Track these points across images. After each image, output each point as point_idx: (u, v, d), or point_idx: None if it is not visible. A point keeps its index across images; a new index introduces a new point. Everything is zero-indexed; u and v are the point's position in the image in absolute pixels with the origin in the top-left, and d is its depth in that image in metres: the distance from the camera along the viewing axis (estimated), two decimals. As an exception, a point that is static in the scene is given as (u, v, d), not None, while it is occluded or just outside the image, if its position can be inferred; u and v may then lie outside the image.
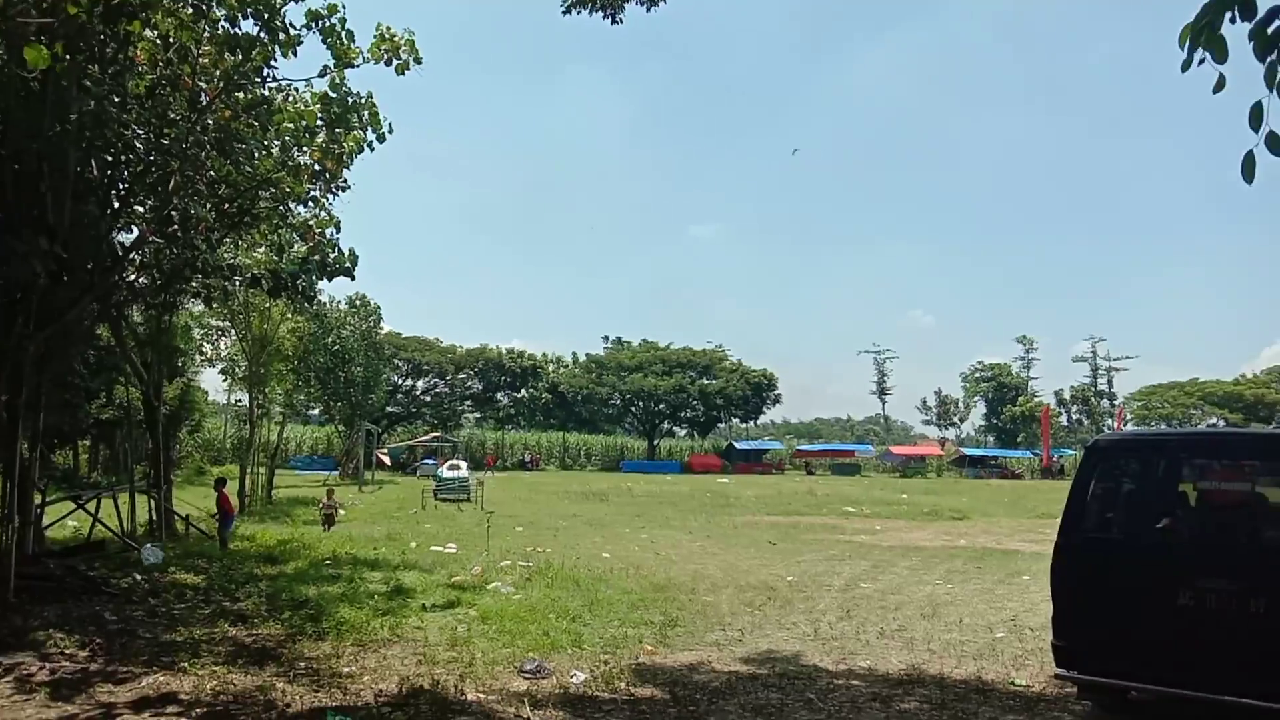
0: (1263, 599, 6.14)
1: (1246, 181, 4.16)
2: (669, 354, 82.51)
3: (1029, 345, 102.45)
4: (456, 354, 76.24)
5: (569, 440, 79.19)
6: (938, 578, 15.43)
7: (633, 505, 32.46)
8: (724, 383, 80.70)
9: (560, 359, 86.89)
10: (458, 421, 79.34)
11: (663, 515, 28.34)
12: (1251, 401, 75.82)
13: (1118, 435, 10.07)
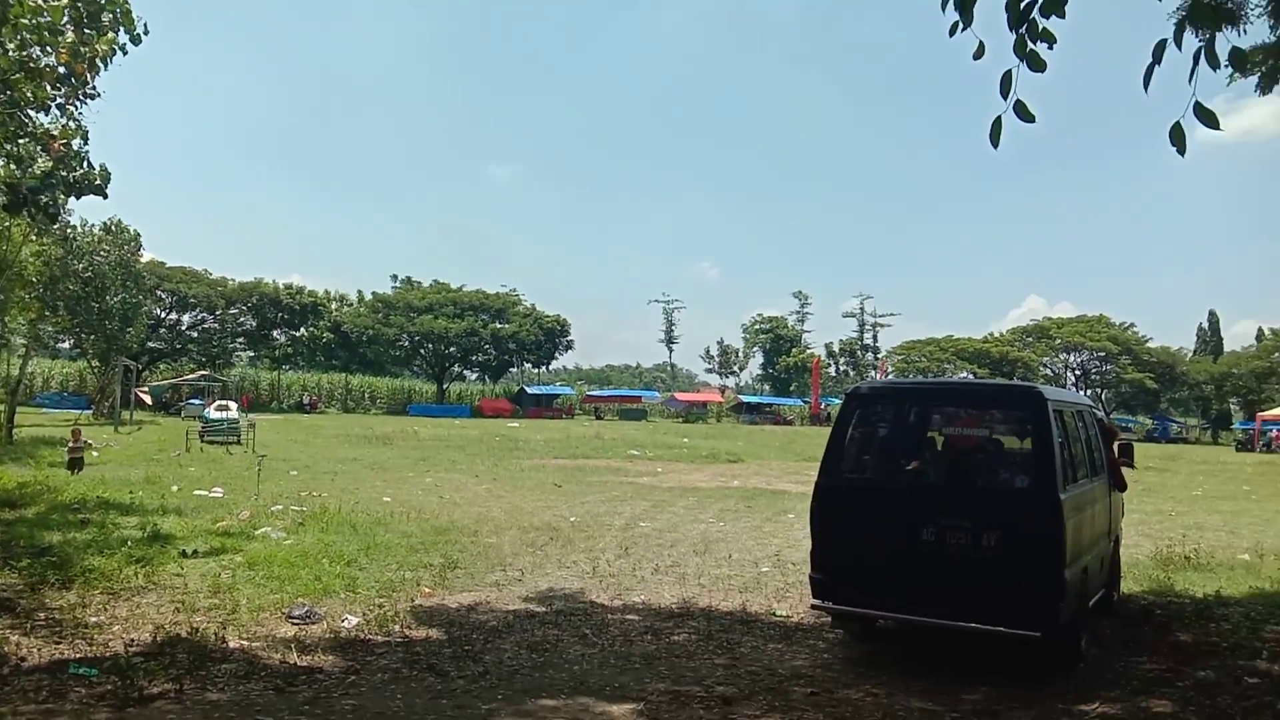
0: (994, 534, 6.80)
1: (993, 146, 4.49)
2: (461, 296, 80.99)
3: (804, 300, 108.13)
4: (228, 288, 71.54)
5: (352, 382, 76.46)
6: (712, 516, 16.16)
7: (418, 449, 31.90)
8: (517, 327, 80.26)
9: (344, 297, 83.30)
10: (229, 360, 74.71)
11: (449, 459, 28.03)
12: (998, 358, 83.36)
13: (874, 384, 10.81)
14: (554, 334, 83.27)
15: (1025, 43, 4.50)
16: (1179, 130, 3.44)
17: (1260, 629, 8.44)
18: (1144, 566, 11.45)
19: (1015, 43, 4.51)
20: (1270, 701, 6.28)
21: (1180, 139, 3.46)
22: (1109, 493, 8.81)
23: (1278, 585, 10.24)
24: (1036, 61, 4.45)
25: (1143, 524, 15.94)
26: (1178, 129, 3.44)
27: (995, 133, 4.39)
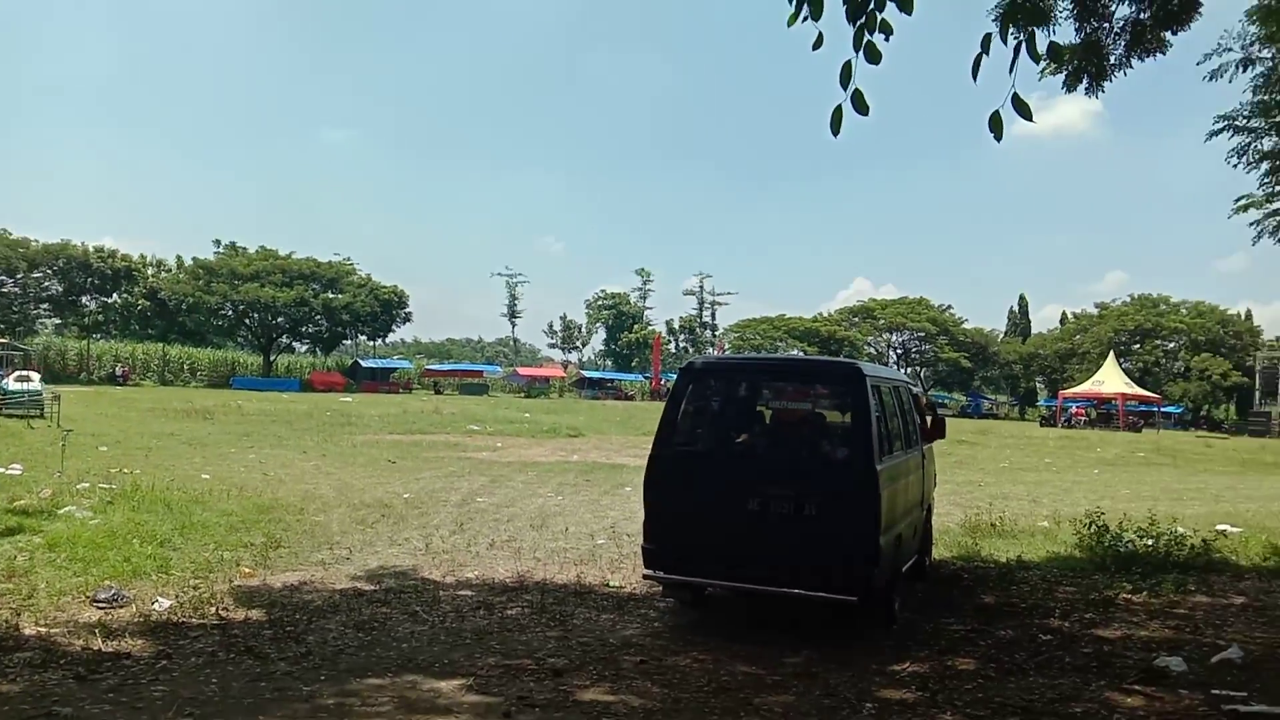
0: (814, 503, 7.06)
1: (834, 135, 4.59)
2: (291, 264, 77.36)
3: (646, 278, 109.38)
4: (30, 249, 65.95)
5: (170, 353, 71.95)
6: (550, 491, 16.16)
7: (242, 424, 30.43)
8: (351, 297, 77.43)
9: (162, 262, 77.96)
10: (31, 327, 69.03)
11: (275, 434, 26.88)
12: (826, 336, 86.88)
13: (707, 359, 11.05)
14: (391, 306, 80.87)
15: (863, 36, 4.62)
16: (997, 119, 3.62)
17: (1055, 590, 9.16)
18: (954, 534, 12.19)
19: (854, 35, 4.63)
20: (1060, 655, 6.81)
21: (998, 127, 3.65)
22: (923, 463, 9.32)
23: (1072, 549, 11.07)
24: (873, 53, 4.58)
25: (954, 494, 16.98)
26: (996, 118, 3.62)
27: (835, 122, 4.48)
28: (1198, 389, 72.91)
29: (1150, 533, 10.94)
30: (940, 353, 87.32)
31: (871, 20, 4.61)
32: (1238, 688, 5.98)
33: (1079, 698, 5.73)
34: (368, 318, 79.21)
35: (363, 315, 78.37)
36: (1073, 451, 34.05)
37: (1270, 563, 10.68)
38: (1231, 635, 7.47)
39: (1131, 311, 78.99)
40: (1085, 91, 8.86)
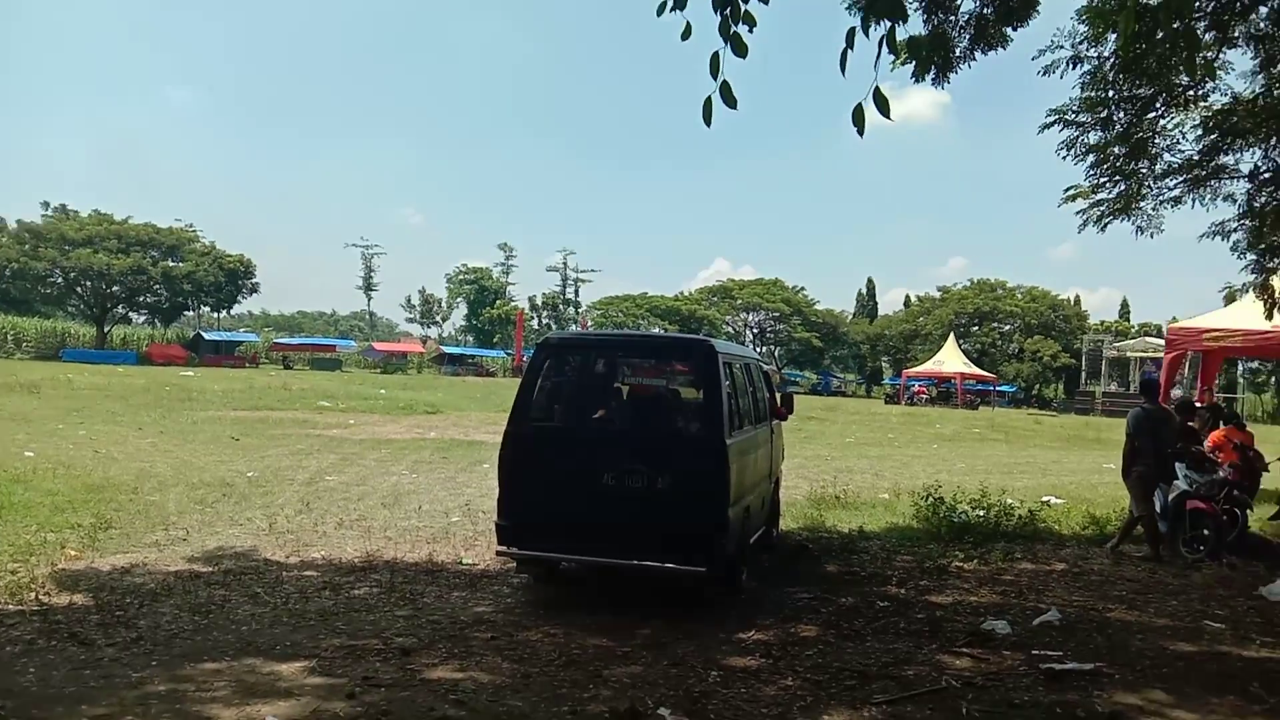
0: (666, 477, 7.16)
1: (706, 124, 4.57)
2: (127, 229, 72.64)
3: (509, 252, 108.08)
4: None
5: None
6: (404, 468, 15.83)
7: (72, 399, 28.51)
8: (193, 266, 73.37)
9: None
10: None
11: (108, 410, 25.31)
12: (687, 315, 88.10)
13: (564, 335, 11.06)
14: (237, 275, 77.13)
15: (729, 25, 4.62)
16: (860, 113, 3.69)
17: (893, 559, 9.59)
18: (801, 506, 12.60)
19: (720, 25, 4.63)
20: (896, 621, 7.14)
21: (860, 121, 3.72)
22: (771, 438, 9.58)
23: (910, 520, 11.60)
24: (739, 45, 4.59)
25: (802, 467, 17.53)
26: (859, 111, 3.69)
27: (707, 113, 4.46)
28: (1030, 369, 77.54)
29: (982, 504, 11.60)
30: (794, 332, 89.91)
31: (736, 11, 4.63)
32: (1055, 648, 6.42)
33: (912, 661, 6.03)
34: (211, 288, 75.34)
35: (206, 285, 74.49)
36: (914, 427, 35.68)
37: (1089, 531, 11.47)
38: (1052, 599, 8.01)
39: (971, 295, 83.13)
40: (932, 83, 9.20)
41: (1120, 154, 9.91)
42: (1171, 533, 10.30)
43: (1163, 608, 7.96)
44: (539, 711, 5.05)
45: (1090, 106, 9.70)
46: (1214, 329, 15.03)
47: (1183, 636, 6.94)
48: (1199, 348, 15.18)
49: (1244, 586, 8.78)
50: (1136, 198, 10.34)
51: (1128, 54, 8.21)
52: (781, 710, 5.07)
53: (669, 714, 4.94)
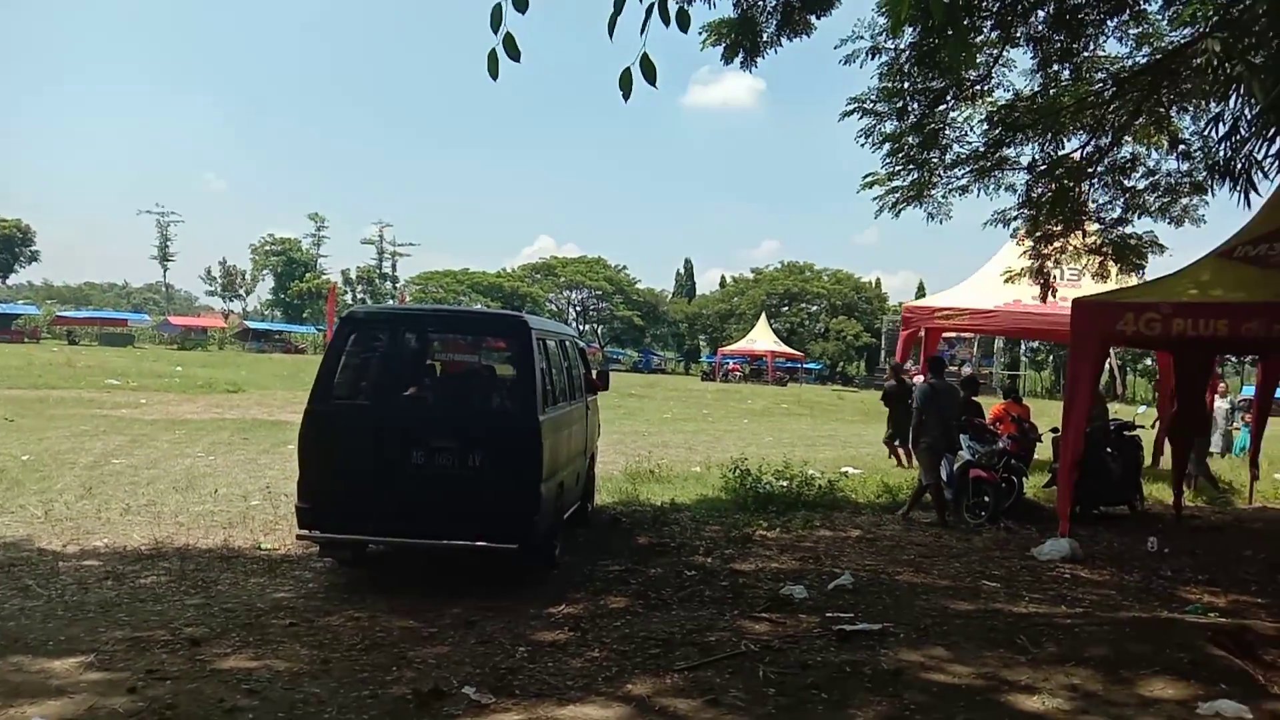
0: (478, 455, 7.07)
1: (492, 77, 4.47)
2: (-124, 189, 65.19)
3: (321, 223, 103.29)
4: None
5: None
6: (201, 450, 14.96)
7: None
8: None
9: None
10: None
11: None
12: (509, 292, 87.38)
13: (370, 309, 10.70)
14: (13, 242, 70.85)
15: None
16: (627, 77, 3.69)
17: (702, 529, 9.87)
18: (617, 480, 12.76)
19: None
20: (701, 589, 7.35)
21: (627, 86, 3.73)
22: (587, 414, 9.63)
23: (718, 492, 11.97)
24: None
25: (620, 443, 17.75)
26: (626, 76, 3.70)
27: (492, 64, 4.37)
28: (835, 348, 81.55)
29: (786, 476, 12.12)
30: (616, 311, 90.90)
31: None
32: (847, 610, 6.78)
33: (714, 627, 6.22)
34: (-19, 256, 68.59)
35: (-25, 253, 67.73)
36: (727, 403, 36.87)
37: (882, 499, 12.19)
38: (846, 564, 8.45)
39: (782, 277, 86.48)
40: (741, 66, 9.44)
41: (914, 143, 10.46)
42: (956, 500, 11.10)
43: (946, 569, 8.56)
44: (338, 697, 4.89)
45: (887, 97, 10.19)
46: (945, 308, 16.36)
47: (962, 596, 7.48)
48: (932, 325, 16.51)
49: (1018, 548, 9.56)
50: (928, 186, 10.97)
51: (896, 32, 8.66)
52: (586, 681, 5.11)
53: (473, 692, 4.89)
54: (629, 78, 3.66)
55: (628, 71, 3.65)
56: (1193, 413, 12.44)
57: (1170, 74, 9.98)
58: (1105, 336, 9.58)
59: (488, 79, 3.96)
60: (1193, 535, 10.88)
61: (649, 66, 3.63)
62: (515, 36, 4.00)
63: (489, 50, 4.44)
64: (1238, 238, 9.40)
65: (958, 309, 16.19)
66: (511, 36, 4.18)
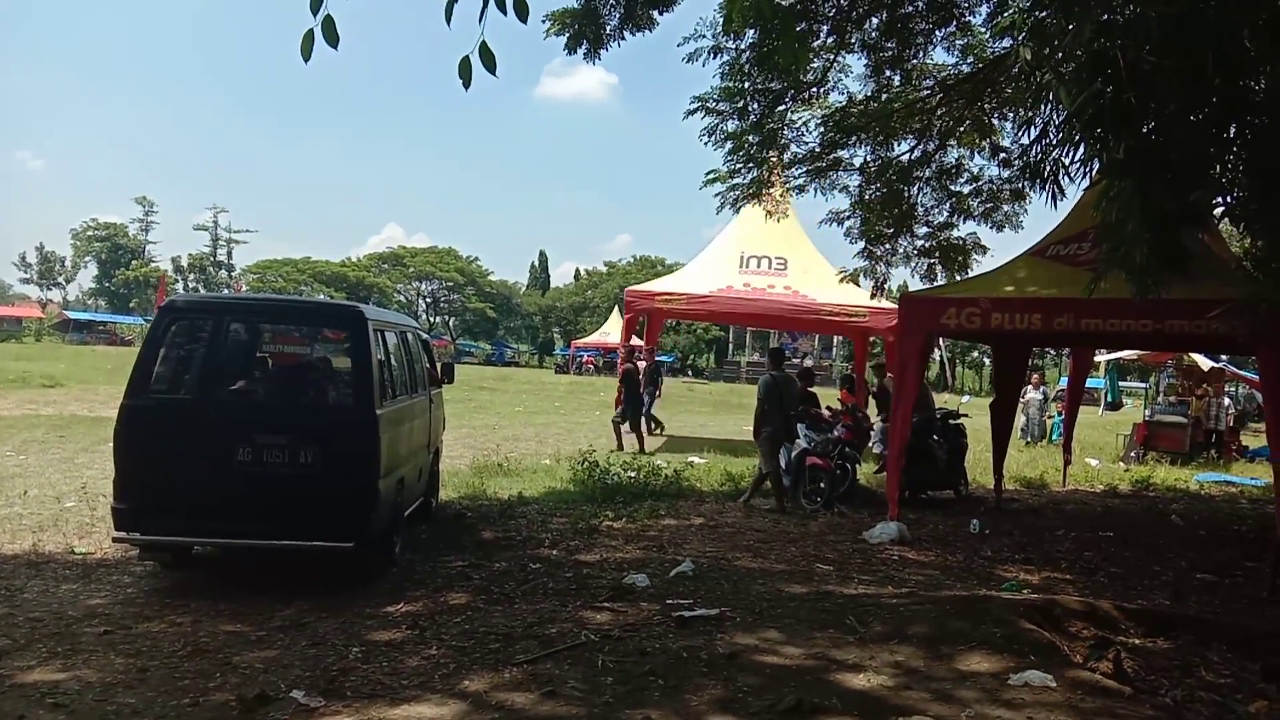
0: (311, 451, 6.82)
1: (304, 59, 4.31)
2: None
3: (149, 207, 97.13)
4: None
5: None
6: (10, 449, 13.89)
7: None
8: None
9: None
10: None
11: None
12: (355, 282, 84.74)
13: (192, 298, 10.15)
14: None
15: None
16: (466, 65, 3.63)
17: (549, 522, 9.85)
18: (463, 475, 12.58)
19: None
20: (545, 582, 7.34)
21: (467, 73, 3.67)
22: (430, 408, 9.45)
23: (567, 484, 11.98)
24: None
25: (469, 437, 17.54)
26: (465, 64, 3.63)
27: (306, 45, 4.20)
28: (686, 340, 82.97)
29: (633, 466, 12.24)
30: (468, 303, 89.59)
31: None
32: (686, 596, 6.91)
33: (556, 619, 6.21)
34: None
35: None
36: (580, 396, 36.93)
37: (726, 488, 12.47)
38: (688, 551, 8.61)
39: (635, 270, 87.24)
40: (585, 58, 9.45)
41: (754, 143, 10.72)
42: (794, 487, 11.48)
43: (783, 554, 8.84)
44: (154, 707, 4.64)
45: (729, 96, 10.41)
46: (663, 292, 17.37)
47: (797, 579, 7.74)
48: (652, 309, 17.25)
49: (851, 532, 9.97)
50: (767, 184, 11.29)
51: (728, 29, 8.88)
52: (422, 680, 5.02)
53: (302, 695, 4.73)
54: (468, 66, 3.61)
55: (466, 60, 3.59)
56: (1011, 402, 13.28)
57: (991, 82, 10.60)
58: (930, 329, 10.10)
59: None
60: (1011, 517, 11.62)
61: (488, 55, 3.58)
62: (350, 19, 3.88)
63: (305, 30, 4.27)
64: (1050, 238, 10.08)
65: (675, 294, 17.24)
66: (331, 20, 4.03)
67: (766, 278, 17.71)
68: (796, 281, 17.60)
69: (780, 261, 17.82)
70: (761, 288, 17.55)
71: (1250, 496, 14.98)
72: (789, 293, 17.41)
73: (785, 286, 17.48)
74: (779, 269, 17.68)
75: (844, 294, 16.78)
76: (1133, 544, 10.14)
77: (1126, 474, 16.81)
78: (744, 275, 17.77)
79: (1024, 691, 4.85)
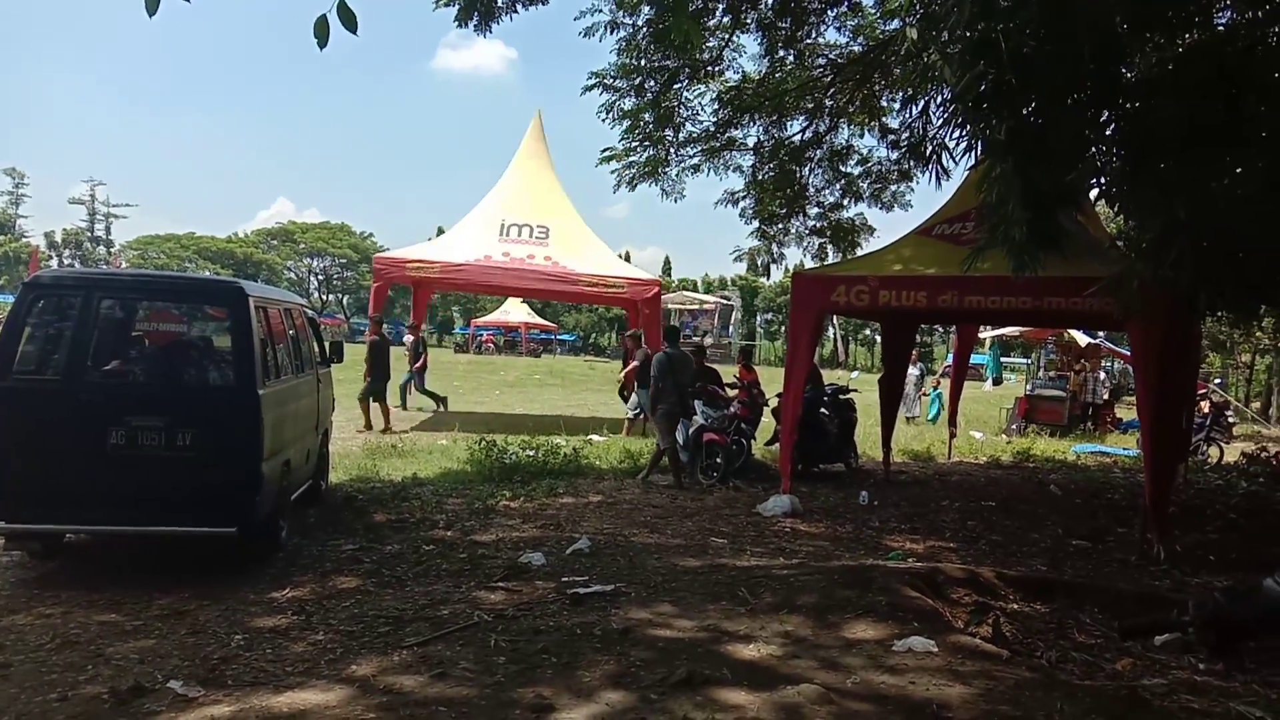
0: (189, 433, 6.56)
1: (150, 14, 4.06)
2: None
3: (19, 179, 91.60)
4: None
5: None
6: None
7: None
8: None
9: None
10: None
11: None
12: (242, 259, 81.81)
13: (59, 274, 9.63)
14: None
15: None
16: (323, 24, 3.52)
17: (444, 503, 9.71)
18: (356, 456, 12.31)
19: None
20: (438, 563, 7.23)
21: (323, 32, 3.55)
22: (318, 388, 9.19)
23: (463, 464, 11.83)
24: None
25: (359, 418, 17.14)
26: (322, 23, 3.52)
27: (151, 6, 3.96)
28: (588, 319, 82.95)
29: (531, 445, 12.17)
30: (362, 280, 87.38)
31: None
32: (583, 573, 6.91)
33: (449, 600, 6.13)
34: None
35: None
36: (480, 375, 36.55)
37: (625, 465, 12.52)
38: (586, 529, 8.61)
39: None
40: (476, 30, 9.27)
41: (650, 121, 10.74)
42: (691, 462, 11.60)
43: (679, 529, 8.92)
44: (18, 703, 4.40)
45: (626, 73, 10.38)
46: (417, 260, 16.79)
47: (692, 553, 7.82)
48: (404, 278, 16.92)
49: (746, 506, 10.14)
50: (663, 163, 11.33)
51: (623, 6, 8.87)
52: (308, 666, 4.89)
53: (179, 686, 4.55)
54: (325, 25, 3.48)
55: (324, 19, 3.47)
56: (899, 377, 13.68)
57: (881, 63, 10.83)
58: (821, 306, 10.29)
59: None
60: (899, 489, 11.99)
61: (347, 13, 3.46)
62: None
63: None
64: (935, 217, 10.37)
65: (429, 262, 16.65)
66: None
67: (527, 247, 17.23)
68: (557, 252, 17.19)
69: (542, 230, 17.39)
70: (521, 257, 17.00)
71: (1123, 466, 15.80)
72: (549, 263, 17.01)
73: (546, 256, 17.08)
74: (540, 238, 17.24)
75: (603, 265, 16.72)
76: (1013, 513, 10.58)
77: (1008, 446, 17.54)
78: (504, 244, 17.21)
79: (907, 657, 5.00)
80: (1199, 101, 5.98)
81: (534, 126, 19.66)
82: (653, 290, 16.81)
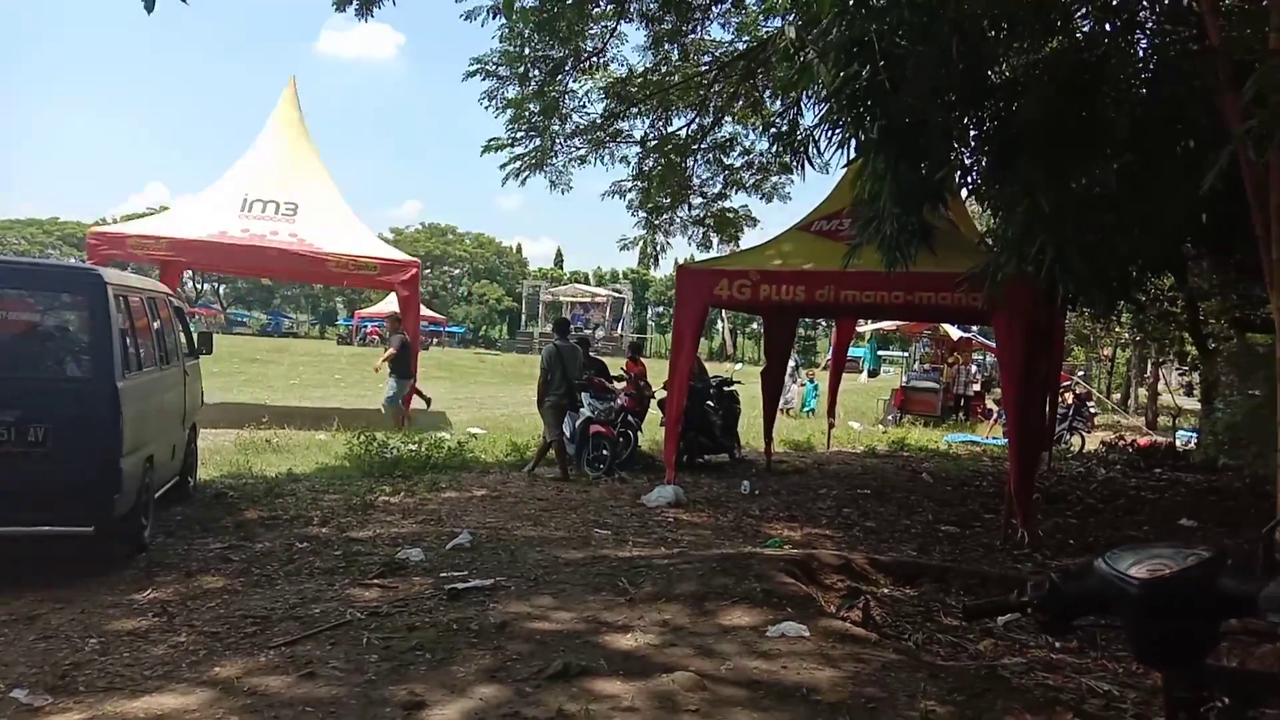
0: (42, 428, 6.20)
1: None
2: None
3: None
4: None
5: None
6: None
7: None
8: None
9: None
10: None
11: None
12: (111, 246, 77.88)
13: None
14: None
15: None
16: None
17: (320, 499, 9.43)
18: (227, 452, 11.86)
19: None
20: (311, 561, 7.00)
21: None
22: (185, 380, 8.81)
23: (341, 460, 11.52)
24: None
25: (236, 412, 16.52)
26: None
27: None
28: (477, 312, 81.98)
29: (413, 439, 11.95)
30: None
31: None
32: (462, 568, 6.81)
33: (320, 598, 5.96)
34: None
35: None
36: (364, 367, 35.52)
37: (511, 458, 12.41)
38: (468, 523, 8.49)
39: (423, 239, 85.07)
40: (357, 15, 9.04)
41: (535, 111, 10.65)
42: (578, 454, 11.59)
43: (563, 521, 8.89)
44: None
45: (509, 60, 10.26)
46: (139, 235, 15.74)
47: (574, 545, 7.80)
48: (125, 254, 15.70)
49: (630, 497, 10.18)
50: (549, 154, 11.25)
51: None
52: (168, 669, 4.68)
53: (24, 695, 4.30)
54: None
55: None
56: (781, 370, 13.97)
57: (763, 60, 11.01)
58: (704, 300, 10.41)
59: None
60: (780, 478, 12.25)
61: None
62: None
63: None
64: (815, 213, 10.60)
65: (154, 237, 15.54)
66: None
67: (270, 223, 16.07)
68: (304, 229, 16.08)
69: (290, 207, 16.27)
70: (261, 234, 15.79)
71: (991, 455, 16.52)
72: (294, 240, 15.88)
73: (291, 234, 15.98)
74: (287, 214, 16.15)
75: (355, 244, 15.95)
76: (887, 500, 10.93)
77: (885, 436, 18.13)
78: (244, 220, 15.98)
79: (780, 642, 5.11)
80: (1060, 103, 6.29)
81: (287, 94, 17.89)
82: (410, 272, 15.86)
